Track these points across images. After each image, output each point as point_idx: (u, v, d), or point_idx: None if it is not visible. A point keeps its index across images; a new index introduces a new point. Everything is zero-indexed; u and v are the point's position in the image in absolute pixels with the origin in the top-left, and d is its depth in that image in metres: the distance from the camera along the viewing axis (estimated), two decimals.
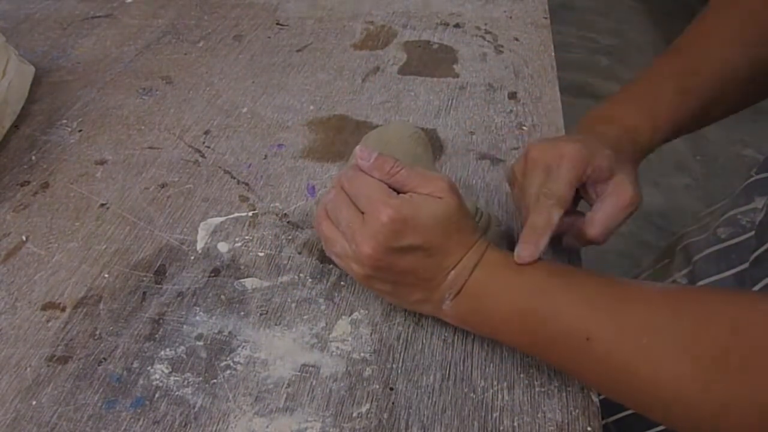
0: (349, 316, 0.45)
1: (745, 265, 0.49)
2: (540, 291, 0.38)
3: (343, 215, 0.41)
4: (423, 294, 0.41)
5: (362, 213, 0.40)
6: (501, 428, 0.39)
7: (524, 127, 0.62)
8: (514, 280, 0.39)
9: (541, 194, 0.42)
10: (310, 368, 0.42)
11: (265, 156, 0.60)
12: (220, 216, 0.53)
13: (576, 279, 0.38)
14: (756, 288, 0.47)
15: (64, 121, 0.65)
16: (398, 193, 0.40)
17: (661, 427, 0.51)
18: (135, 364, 0.42)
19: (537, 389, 0.41)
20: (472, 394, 0.40)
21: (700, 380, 0.31)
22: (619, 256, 1.58)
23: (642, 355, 0.33)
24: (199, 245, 0.51)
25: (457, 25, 0.79)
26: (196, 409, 0.40)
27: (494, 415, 0.39)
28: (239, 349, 0.43)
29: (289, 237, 0.51)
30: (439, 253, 0.39)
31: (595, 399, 0.40)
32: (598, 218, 0.43)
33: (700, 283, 0.54)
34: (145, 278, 0.48)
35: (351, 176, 0.41)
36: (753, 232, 0.51)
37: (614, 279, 0.38)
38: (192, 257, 0.50)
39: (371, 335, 0.44)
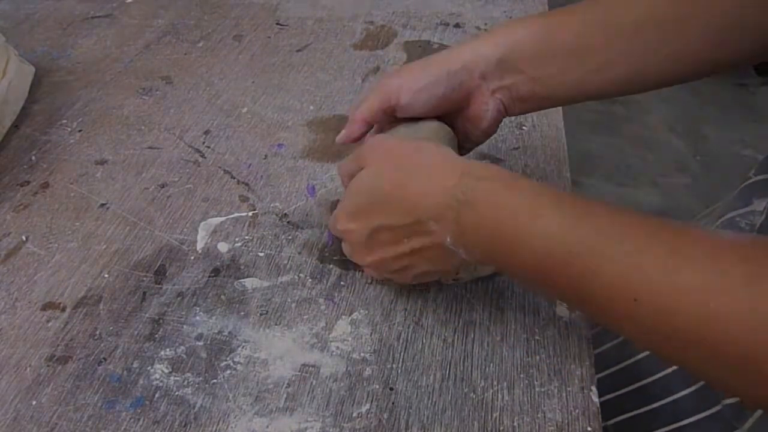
0: (349, 316, 0.45)
1: None
2: (564, 237, 0.33)
3: (345, 249, 0.45)
4: (439, 257, 0.38)
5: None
6: (501, 428, 0.39)
7: (524, 127, 0.62)
8: (524, 220, 0.34)
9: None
10: (310, 368, 0.42)
11: (265, 156, 0.60)
12: (220, 216, 0.53)
13: (569, 200, 0.34)
14: None
15: (64, 121, 0.65)
16: None
17: (665, 429, 0.51)
18: (135, 364, 0.42)
19: (537, 389, 0.41)
20: (472, 394, 0.40)
21: (686, 306, 0.28)
22: None
23: (710, 323, 0.28)
24: (199, 245, 0.51)
25: (457, 25, 0.79)
26: (196, 409, 0.40)
27: (494, 415, 0.39)
28: (239, 349, 0.43)
29: (289, 237, 0.51)
30: (399, 219, 0.38)
31: (595, 399, 0.40)
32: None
33: None
34: (145, 278, 0.48)
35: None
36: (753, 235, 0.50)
37: (671, 225, 0.32)
38: (192, 257, 0.50)
39: (371, 335, 0.44)
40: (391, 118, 0.46)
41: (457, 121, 0.47)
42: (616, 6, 0.42)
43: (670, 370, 0.52)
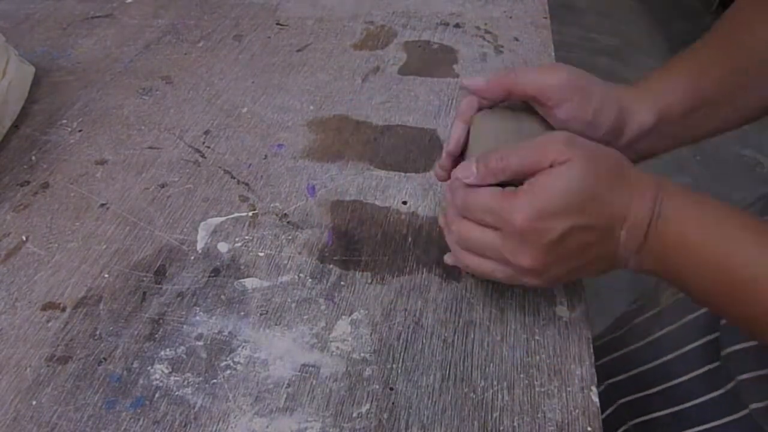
0: (349, 316, 0.45)
1: None
2: (753, 258, 0.33)
3: (480, 243, 0.38)
4: (605, 263, 0.37)
5: (497, 229, 0.37)
6: (501, 428, 0.39)
7: None
8: (712, 237, 0.34)
9: None
10: (310, 368, 0.42)
11: (265, 156, 0.60)
12: (220, 216, 0.53)
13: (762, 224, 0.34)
14: None
15: (64, 121, 0.65)
16: (523, 182, 0.36)
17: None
18: (135, 364, 0.42)
19: (537, 389, 0.41)
20: (472, 394, 0.40)
21: None
22: None
23: None
24: (199, 245, 0.51)
25: (457, 25, 0.79)
26: (196, 409, 0.40)
27: (494, 415, 0.39)
28: (239, 349, 0.43)
29: (289, 237, 0.51)
30: (598, 220, 0.35)
31: (595, 399, 0.40)
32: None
33: None
34: (145, 278, 0.48)
35: (464, 201, 0.38)
36: None
37: None
38: (192, 257, 0.50)
39: (371, 335, 0.44)
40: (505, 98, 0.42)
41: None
42: (744, 45, 0.43)
43: (694, 373, 0.52)
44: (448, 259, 0.45)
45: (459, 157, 0.44)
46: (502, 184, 0.38)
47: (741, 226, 0.34)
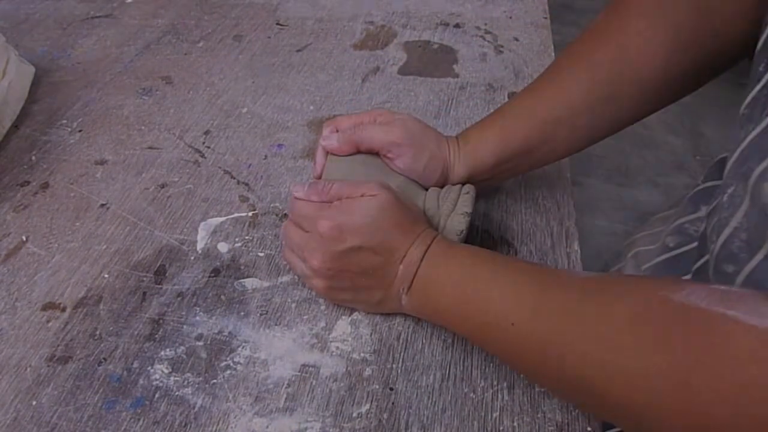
0: (349, 316, 0.45)
1: (688, 276, 0.48)
2: (477, 278, 0.39)
3: (294, 240, 0.44)
4: (382, 293, 0.42)
5: (306, 233, 0.43)
6: (501, 428, 0.39)
7: None
8: (455, 270, 0.40)
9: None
10: (310, 368, 0.42)
11: (265, 156, 0.60)
12: (220, 216, 0.53)
13: (506, 268, 0.39)
14: None
15: (64, 121, 0.65)
16: None
17: None
18: (135, 364, 0.42)
19: (537, 389, 0.41)
20: (472, 394, 0.40)
21: (599, 361, 0.31)
22: (617, 256, 1.58)
23: (554, 338, 0.34)
24: (199, 245, 0.51)
25: (457, 25, 0.79)
26: (196, 409, 0.40)
27: (494, 415, 0.39)
28: (239, 349, 0.43)
29: None
30: (384, 248, 0.41)
31: None
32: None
33: None
34: (145, 278, 0.48)
35: (291, 206, 0.45)
36: (696, 243, 0.50)
37: (543, 268, 0.40)
38: (192, 257, 0.50)
39: (371, 335, 0.44)
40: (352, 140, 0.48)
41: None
42: (551, 99, 0.47)
43: None
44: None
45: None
46: None
47: (483, 262, 0.40)
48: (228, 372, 0.42)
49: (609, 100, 0.46)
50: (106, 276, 0.48)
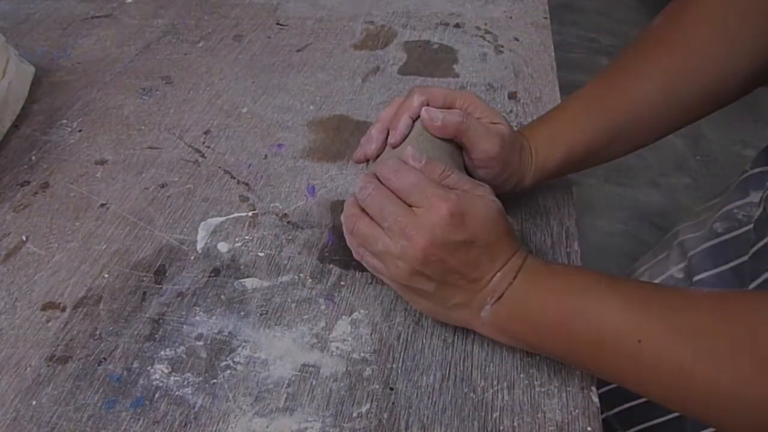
0: (349, 316, 0.45)
1: (744, 259, 0.49)
2: (588, 293, 0.37)
3: (389, 210, 0.39)
4: (465, 296, 0.40)
5: (412, 208, 0.39)
6: (501, 428, 0.39)
7: None
8: (559, 284, 0.39)
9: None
10: (310, 368, 0.42)
11: (265, 156, 0.60)
12: (220, 216, 0.53)
13: (623, 284, 0.37)
14: (756, 282, 0.47)
15: (64, 121, 0.65)
16: None
17: (665, 418, 0.51)
18: (135, 364, 0.42)
19: (537, 389, 0.41)
20: (472, 394, 0.40)
21: (760, 382, 0.30)
22: (618, 256, 1.58)
23: (699, 357, 0.32)
24: (199, 245, 0.51)
25: (457, 25, 0.79)
26: (196, 409, 0.40)
27: (494, 415, 0.39)
28: (239, 349, 0.43)
29: (289, 237, 0.51)
30: (490, 251, 0.39)
31: (595, 399, 0.40)
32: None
33: (697, 277, 0.54)
34: (145, 278, 0.48)
35: (398, 170, 0.40)
36: (751, 226, 0.51)
37: (660, 286, 0.38)
38: (192, 257, 0.50)
39: (371, 335, 0.44)
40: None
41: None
42: (617, 100, 0.48)
43: None
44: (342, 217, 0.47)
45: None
46: None
47: (584, 279, 0.38)
48: (228, 372, 0.42)
49: (672, 106, 0.47)
50: (106, 276, 0.48)
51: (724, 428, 0.36)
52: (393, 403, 0.40)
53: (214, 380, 0.41)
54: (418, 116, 0.45)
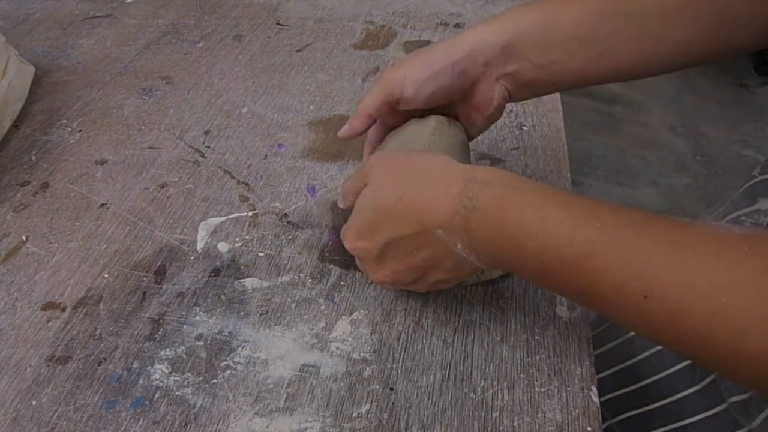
0: (349, 316, 0.45)
1: None
2: (572, 240, 0.33)
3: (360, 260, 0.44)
4: (448, 262, 0.38)
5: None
6: (501, 428, 0.39)
7: (524, 127, 0.62)
8: (531, 225, 0.34)
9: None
10: (310, 368, 0.42)
11: (265, 156, 0.60)
12: (220, 216, 0.53)
13: (626, 220, 0.33)
14: None
15: (64, 121, 0.65)
16: None
17: (667, 428, 0.51)
18: (135, 364, 0.42)
19: (537, 389, 0.41)
20: (472, 394, 0.40)
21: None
22: None
23: (722, 318, 0.28)
24: (199, 245, 0.51)
25: (457, 25, 0.79)
26: (196, 409, 0.40)
27: (494, 415, 0.39)
28: (239, 349, 0.43)
29: (289, 237, 0.51)
30: (405, 230, 0.38)
31: (595, 399, 0.40)
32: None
33: None
34: (145, 278, 0.48)
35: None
36: None
37: (679, 221, 0.32)
38: (192, 257, 0.50)
39: (371, 335, 0.44)
40: (394, 112, 0.46)
41: (460, 109, 0.47)
42: None
43: (672, 369, 0.52)
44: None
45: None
46: None
47: (561, 208, 0.34)
48: (228, 372, 0.42)
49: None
50: (106, 276, 0.48)
51: (757, 384, 0.32)
52: (393, 403, 0.40)
53: (214, 380, 0.41)
54: (419, 114, 0.46)
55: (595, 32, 0.43)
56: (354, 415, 0.39)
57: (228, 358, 0.43)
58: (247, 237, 0.51)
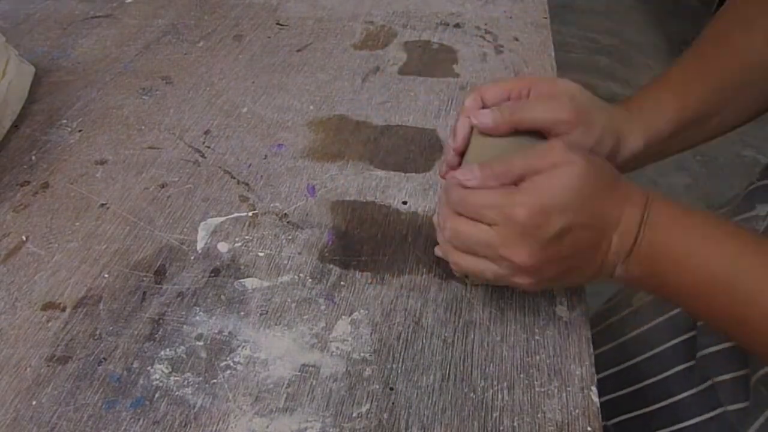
0: (349, 316, 0.45)
1: None
2: (733, 262, 0.35)
3: (475, 240, 0.38)
4: (593, 270, 0.38)
5: (494, 226, 0.37)
6: (501, 428, 0.39)
7: None
8: (690, 238, 0.36)
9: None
10: (310, 368, 0.42)
11: (265, 156, 0.60)
12: (220, 216, 0.53)
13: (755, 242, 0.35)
14: None
15: (64, 121, 0.65)
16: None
17: (664, 431, 0.51)
18: (135, 364, 0.42)
19: (537, 389, 0.41)
20: (472, 394, 0.40)
21: None
22: None
23: None
24: (199, 245, 0.51)
25: (457, 25, 0.79)
26: (196, 409, 0.40)
27: (494, 415, 0.39)
28: (239, 349, 0.43)
29: (289, 237, 0.51)
30: (594, 221, 0.36)
31: (595, 399, 0.40)
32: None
33: None
34: (145, 278, 0.48)
35: (462, 198, 0.38)
36: None
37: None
38: (192, 257, 0.50)
39: (371, 335, 0.44)
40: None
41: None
42: (727, 59, 0.45)
43: (671, 372, 0.52)
44: (438, 251, 0.45)
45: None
46: None
47: (725, 235, 0.36)
48: (228, 372, 0.42)
49: None
50: (106, 276, 0.48)
51: None
52: (393, 403, 0.40)
53: (214, 380, 0.41)
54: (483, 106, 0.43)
55: (714, 111, 0.46)
56: (354, 415, 0.39)
57: (228, 358, 0.43)
58: (247, 237, 0.51)
